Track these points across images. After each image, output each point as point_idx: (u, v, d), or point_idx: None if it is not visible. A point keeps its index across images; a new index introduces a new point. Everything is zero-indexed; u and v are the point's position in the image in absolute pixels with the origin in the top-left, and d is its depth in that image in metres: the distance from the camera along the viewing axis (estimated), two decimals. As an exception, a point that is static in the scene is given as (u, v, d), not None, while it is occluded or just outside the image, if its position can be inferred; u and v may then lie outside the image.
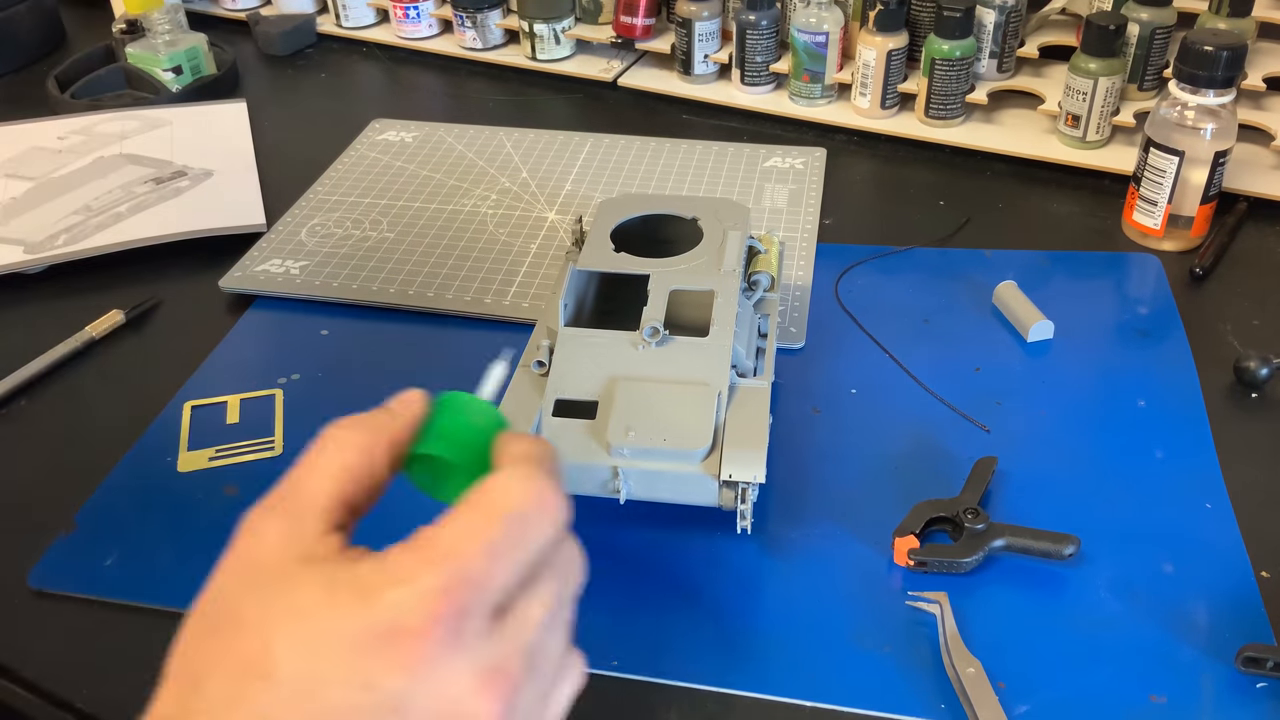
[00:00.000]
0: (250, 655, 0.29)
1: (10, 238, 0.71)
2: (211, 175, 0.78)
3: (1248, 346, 0.60)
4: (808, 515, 0.50)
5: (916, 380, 0.58)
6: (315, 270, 0.68)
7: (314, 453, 0.33)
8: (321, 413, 0.57)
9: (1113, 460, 0.53)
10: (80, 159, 0.81)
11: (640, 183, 0.77)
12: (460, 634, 0.29)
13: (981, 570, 0.47)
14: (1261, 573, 0.47)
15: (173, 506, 0.52)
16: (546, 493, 0.32)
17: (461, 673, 0.29)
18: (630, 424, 0.45)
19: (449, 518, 0.31)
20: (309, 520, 0.32)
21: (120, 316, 0.64)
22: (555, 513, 0.32)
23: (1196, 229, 0.68)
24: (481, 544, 0.30)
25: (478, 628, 0.30)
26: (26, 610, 0.48)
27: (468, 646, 0.29)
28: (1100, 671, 0.43)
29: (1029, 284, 0.64)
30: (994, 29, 0.80)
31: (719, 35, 0.88)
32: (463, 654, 0.29)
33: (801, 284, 0.65)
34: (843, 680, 0.43)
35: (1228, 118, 0.65)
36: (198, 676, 0.30)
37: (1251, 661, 0.43)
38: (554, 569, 0.33)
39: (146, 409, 0.58)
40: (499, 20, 0.96)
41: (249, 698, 0.29)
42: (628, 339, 0.49)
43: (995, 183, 0.77)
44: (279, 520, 0.32)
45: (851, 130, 0.84)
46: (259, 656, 0.29)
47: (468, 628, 0.30)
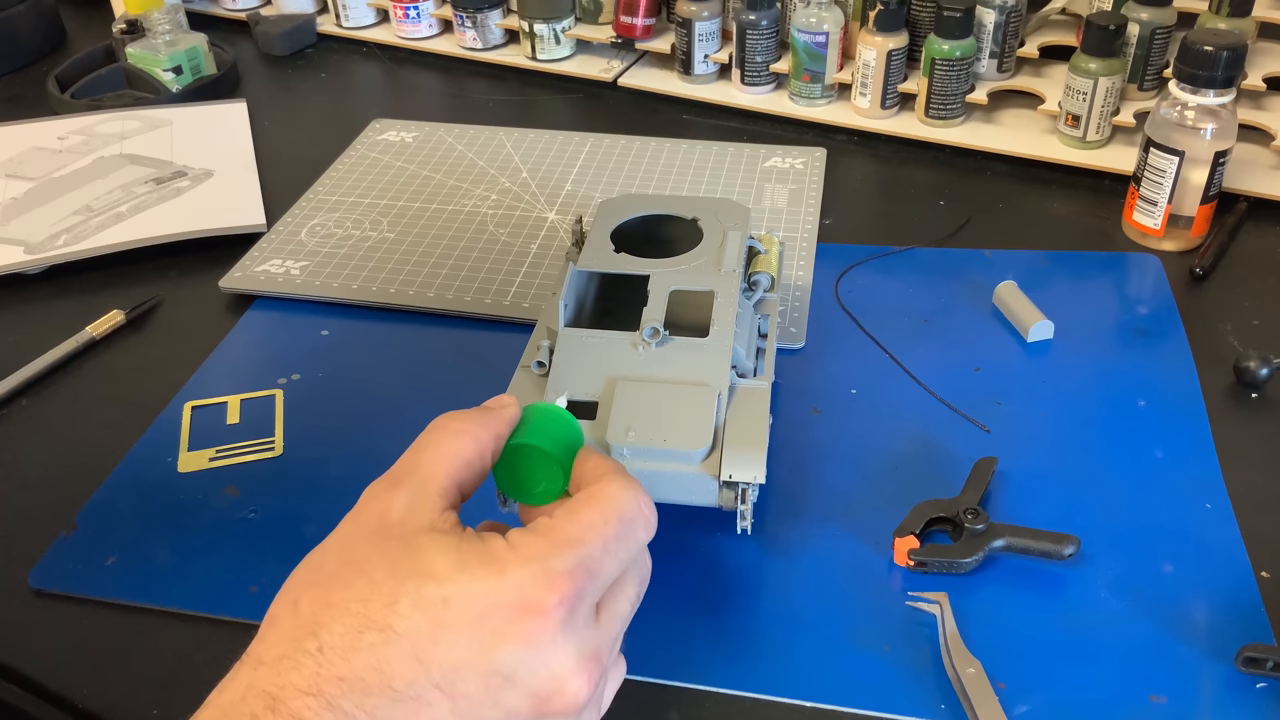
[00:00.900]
0: (374, 610, 0.31)
1: (10, 238, 0.71)
2: (211, 175, 0.78)
3: (1248, 346, 0.60)
4: (808, 515, 0.50)
5: (916, 380, 0.58)
6: (315, 270, 0.68)
7: (430, 438, 0.37)
8: (321, 413, 0.58)
9: (1113, 460, 0.53)
10: (80, 159, 0.81)
11: (640, 183, 0.77)
12: (574, 617, 0.33)
13: (981, 570, 0.47)
14: (1261, 573, 0.47)
15: (173, 506, 0.52)
16: (646, 503, 0.36)
17: (569, 653, 0.32)
18: (630, 424, 0.45)
19: (570, 511, 0.34)
20: (431, 496, 0.35)
21: (120, 316, 0.65)
22: (651, 521, 0.36)
23: (1196, 229, 0.68)
24: (600, 537, 0.34)
25: (586, 615, 0.33)
26: (26, 610, 0.48)
27: (577, 630, 0.33)
28: (1100, 671, 0.43)
29: (1029, 284, 0.64)
30: (994, 29, 0.80)
31: (719, 35, 0.88)
32: (573, 636, 0.32)
33: (801, 284, 0.65)
34: (843, 680, 0.43)
35: (1228, 118, 0.65)
36: (316, 622, 0.31)
37: (1251, 661, 0.43)
38: (638, 572, 0.37)
39: (146, 409, 0.58)
40: (499, 20, 0.96)
41: (368, 648, 0.31)
42: (628, 339, 0.49)
43: (995, 183, 0.77)
44: (403, 493, 0.35)
45: (851, 130, 0.84)
46: (383, 612, 0.31)
47: (580, 612, 0.33)
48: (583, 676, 0.32)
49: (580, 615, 0.33)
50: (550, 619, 0.32)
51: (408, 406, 0.58)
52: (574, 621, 0.32)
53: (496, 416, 0.38)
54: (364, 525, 0.34)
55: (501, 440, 0.38)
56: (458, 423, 0.37)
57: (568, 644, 0.32)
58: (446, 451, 0.36)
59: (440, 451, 0.36)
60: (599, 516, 0.34)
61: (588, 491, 0.35)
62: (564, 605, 0.32)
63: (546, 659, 0.32)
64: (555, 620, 0.32)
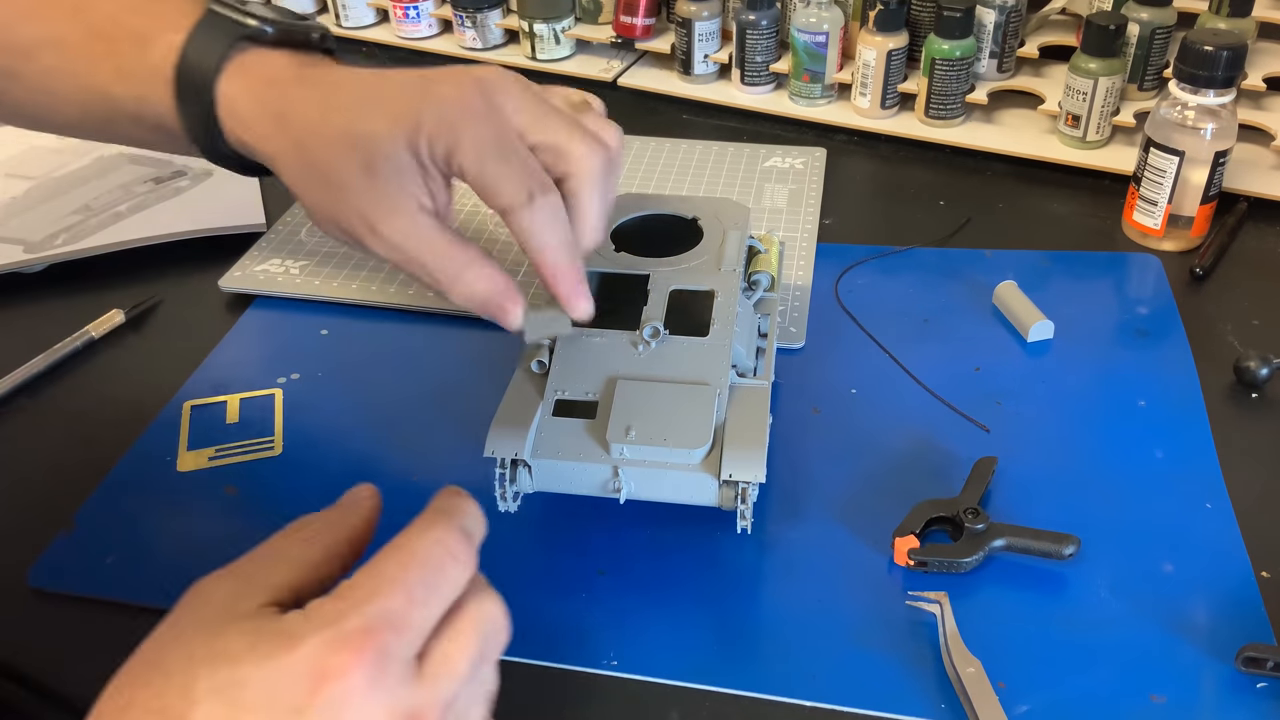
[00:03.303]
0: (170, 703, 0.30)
1: (10, 237, 0.71)
2: (211, 174, 0.78)
3: (1248, 346, 0.60)
4: (808, 515, 0.50)
5: (916, 380, 0.58)
6: (315, 270, 0.68)
7: (274, 541, 0.35)
8: (321, 412, 0.58)
9: (1113, 460, 0.53)
10: (80, 158, 0.81)
11: (640, 183, 0.77)
12: (383, 675, 0.30)
13: (981, 570, 0.47)
14: (1261, 573, 0.47)
15: (173, 506, 0.52)
16: (451, 542, 0.33)
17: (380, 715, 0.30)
18: (630, 423, 0.45)
19: (368, 567, 0.32)
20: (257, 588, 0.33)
21: (120, 316, 0.64)
22: (465, 559, 0.33)
23: (1196, 229, 0.68)
24: (398, 586, 0.31)
25: (400, 672, 0.31)
26: (26, 610, 0.48)
27: (389, 689, 0.30)
28: (1100, 671, 0.43)
29: (1029, 284, 0.64)
30: (994, 29, 0.80)
31: (719, 35, 0.88)
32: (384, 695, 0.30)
33: (801, 284, 0.65)
34: (843, 680, 0.43)
35: (1228, 118, 0.65)
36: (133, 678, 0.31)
37: (1252, 661, 0.43)
38: (475, 624, 0.33)
39: (146, 409, 0.58)
40: (499, 20, 0.96)
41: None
42: (628, 339, 0.49)
43: (995, 183, 0.77)
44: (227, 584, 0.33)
45: (851, 130, 0.84)
46: (179, 705, 0.29)
47: (390, 670, 0.30)
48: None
49: (391, 673, 0.30)
50: (350, 682, 0.29)
51: (408, 406, 0.58)
52: (383, 681, 0.30)
53: (350, 516, 0.36)
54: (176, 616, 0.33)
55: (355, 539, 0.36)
56: (308, 526, 0.36)
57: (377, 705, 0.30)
58: (288, 549, 0.35)
59: (282, 551, 0.35)
60: (395, 566, 0.32)
61: (388, 545, 0.33)
62: (364, 663, 0.30)
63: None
64: (357, 683, 0.29)
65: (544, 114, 0.43)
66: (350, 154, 0.42)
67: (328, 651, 0.30)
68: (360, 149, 0.42)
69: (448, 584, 0.33)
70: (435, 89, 0.42)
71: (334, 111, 0.43)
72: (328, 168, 0.43)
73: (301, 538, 0.35)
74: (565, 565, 0.48)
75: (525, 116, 0.43)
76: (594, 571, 0.48)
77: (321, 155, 0.43)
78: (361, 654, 0.30)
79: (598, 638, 0.45)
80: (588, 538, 0.50)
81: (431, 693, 0.31)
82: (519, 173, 0.42)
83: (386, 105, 0.42)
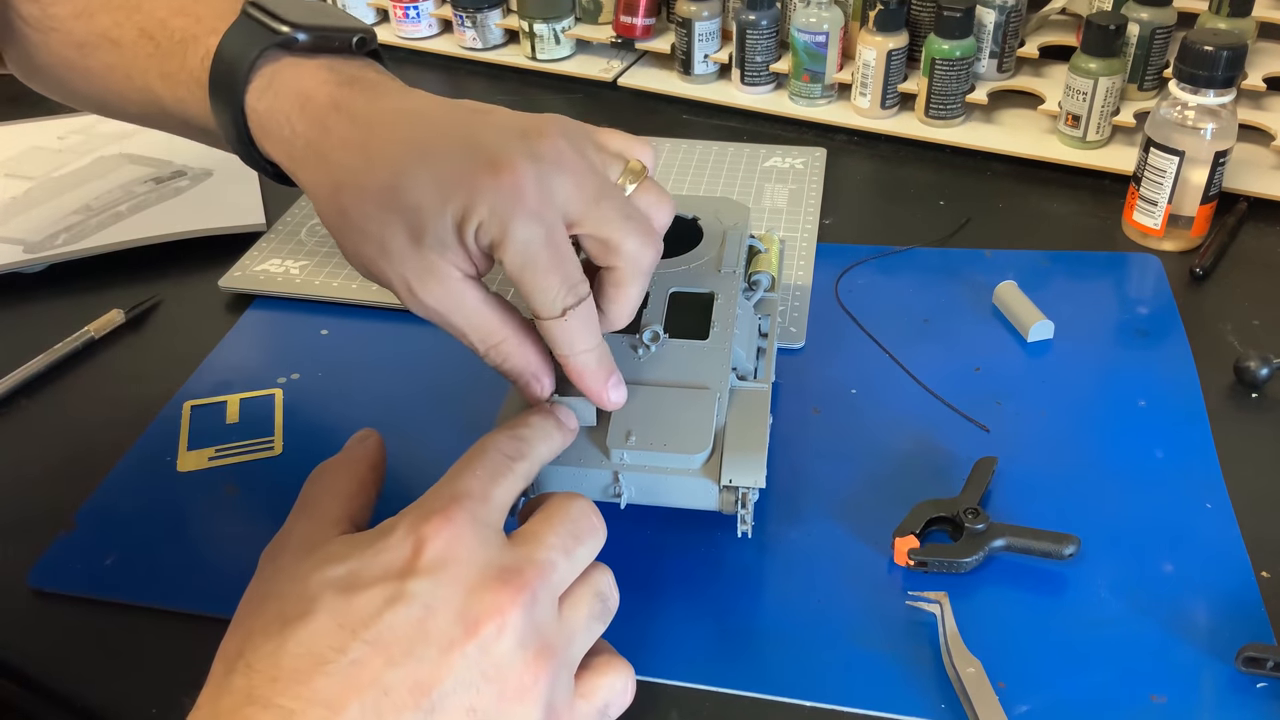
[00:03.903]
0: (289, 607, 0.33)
1: (10, 237, 0.71)
2: (211, 175, 0.78)
3: (1248, 346, 0.60)
4: (808, 515, 0.50)
5: (916, 380, 0.58)
6: (315, 270, 0.68)
7: (307, 489, 0.41)
8: (321, 412, 0.58)
9: (1113, 460, 0.53)
10: (80, 159, 0.81)
11: (640, 182, 0.77)
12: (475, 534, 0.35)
13: (981, 570, 0.47)
14: (1261, 573, 0.47)
15: (173, 506, 0.52)
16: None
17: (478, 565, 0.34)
18: (630, 428, 0.45)
19: None
20: (324, 526, 0.38)
21: (120, 316, 0.64)
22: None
23: (1197, 229, 0.68)
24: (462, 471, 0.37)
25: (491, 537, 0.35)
26: (26, 610, 0.48)
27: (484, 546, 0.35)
28: (1100, 671, 0.43)
29: (1029, 284, 0.64)
30: (994, 29, 0.80)
31: (719, 35, 0.88)
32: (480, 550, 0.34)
33: (801, 284, 0.65)
34: (843, 680, 0.43)
35: (1228, 118, 0.65)
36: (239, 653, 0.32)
37: (1252, 661, 0.43)
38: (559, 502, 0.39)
39: (146, 409, 0.58)
40: (499, 20, 0.96)
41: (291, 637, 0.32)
42: (627, 342, 0.48)
43: (995, 183, 0.77)
44: (297, 533, 0.38)
45: (851, 130, 0.84)
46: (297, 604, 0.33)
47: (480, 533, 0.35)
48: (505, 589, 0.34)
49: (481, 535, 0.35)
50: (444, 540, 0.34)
51: (408, 406, 0.58)
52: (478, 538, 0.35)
53: (359, 447, 0.42)
54: (261, 571, 0.37)
55: (374, 465, 0.42)
56: (328, 466, 0.41)
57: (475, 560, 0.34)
58: (325, 490, 0.40)
59: (320, 494, 0.39)
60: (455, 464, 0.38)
61: None
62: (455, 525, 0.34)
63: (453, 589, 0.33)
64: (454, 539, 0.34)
65: (598, 199, 0.40)
66: (393, 218, 0.40)
67: (421, 522, 0.34)
68: (405, 216, 0.39)
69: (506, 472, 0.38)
70: (488, 167, 0.39)
71: (377, 165, 0.40)
72: (367, 225, 0.40)
73: (328, 477, 0.40)
74: (565, 565, 0.48)
75: (579, 205, 0.40)
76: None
77: (362, 211, 0.40)
78: (449, 518, 0.34)
79: (598, 638, 0.45)
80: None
81: (522, 553, 0.35)
82: (558, 285, 0.40)
83: (434, 170, 0.39)
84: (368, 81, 0.43)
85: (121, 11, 0.47)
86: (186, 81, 0.45)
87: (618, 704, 0.38)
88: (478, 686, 0.32)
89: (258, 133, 0.44)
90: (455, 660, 0.32)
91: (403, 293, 0.41)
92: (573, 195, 0.40)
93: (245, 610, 0.35)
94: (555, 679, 0.34)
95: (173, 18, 0.45)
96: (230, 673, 0.32)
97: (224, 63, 0.43)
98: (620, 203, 0.42)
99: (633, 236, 0.41)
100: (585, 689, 0.37)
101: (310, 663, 0.31)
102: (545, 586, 0.35)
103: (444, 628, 0.32)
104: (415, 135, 0.41)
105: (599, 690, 0.37)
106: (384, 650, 0.31)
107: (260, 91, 0.43)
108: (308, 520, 0.38)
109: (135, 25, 0.46)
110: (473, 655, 0.32)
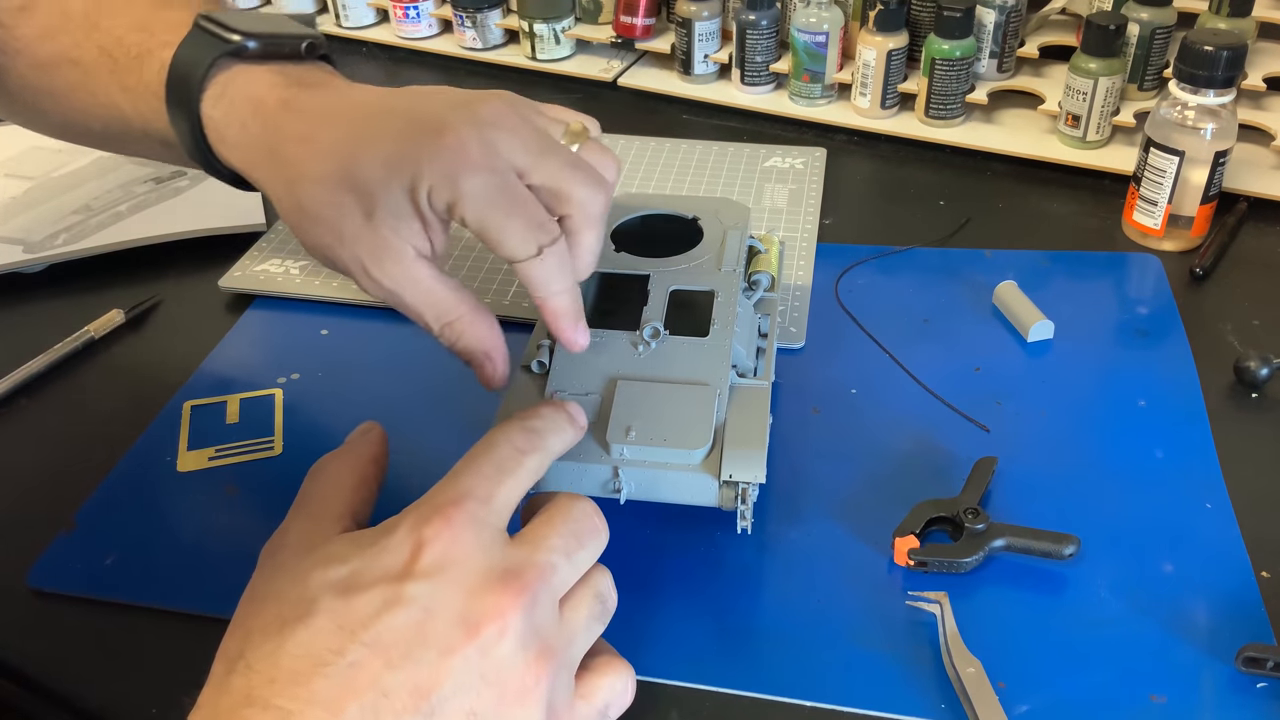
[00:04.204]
0: (287, 609, 0.33)
1: (10, 237, 0.71)
2: (211, 175, 0.78)
3: (1248, 346, 0.60)
4: (808, 515, 0.50)
5: (916, 380, 0.58)
6: (315, 270, 0.68)
7: (308, 483, 0.40)
8: (321, 412, 0.58)
9: (1113, 460, 0.53)
10: (80, 158, 0.81)
11: (640, 183, 0.77)
12: (475, 534, 0.34)
13: (981, 570, 0.47)
14: (1261, 573, 0.47)
15: (172, 506, 0.52)
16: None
17: (479, 566, 0.34)
18: (630, 424, 0.45)
19: None
20: (324, 523, 0.37)
21: (120, 316, 0.64)
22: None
23: (1196, 229, 0.68)
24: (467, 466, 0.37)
25: (492, 535, 0.35)
26: (26, 610, 0.48)
27: (485, 546, 0.34)
28: (1100, 671, 0.43)
29: (1029, 284, 0.64)
30: (994, 29, 0.80)
31: (719, 35, 0.88)
32: (481, 550, 0.34)
33: (801, 284, 0.65)
34: (843, 680, 0.43)
35: (1228, 118, 0.65)
36: (240, 653, 0.32)
37: (1252, 661, 0.43)
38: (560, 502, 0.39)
39: (146, 408, 0.58)
40: (499, 20, 0.96)
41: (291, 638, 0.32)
42: (628, 339, 0.49)
43: (995, 183, 0.77)
44: (295, 530, 0.37)
45: (851, 130, 0.84)
46: (296, 607, 0.33)
47: (481, 532, 0.35)
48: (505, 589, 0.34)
49: (482, 534, 0.35)
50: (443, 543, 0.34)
51: (407, 406, 0.58)
52: (478, 538, 0.34)
53: (361, 441, 0.42)
54: (261, 569, 0.37)
55: (376, 459, 0.41)
56: (329, 460, 0.41)
57: (476, 561, 0.34)
58: (326, 485, 0.39)
59: (320, 489, 0.39)
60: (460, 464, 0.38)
61: None
62: (454, 527, 0.34)
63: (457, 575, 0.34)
64: (453, 541, 0.34)
65: (543, 152, 0.42)
66: (346, 199, 0.42)
67: (421, 523, 0.34)
68: (358, 197, 0.41)
69: (515, 469, 0.38)
70: (431, 134, 0.41)
71: (327, 153, 0.42)
72: (322, 210, 0.42)
73: (329, 471, 0.40)
74: (565, 565, 0.48)
75: (525, 157, 0.42)
76: (594, 571, 0.48)
77: (316, 198, 0.42)
78: (450, 520, 0.34)
79: (598, 638, 0.45)
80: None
81: (524, 554, 0.35)
82: (524, 225, 0.41)
83: (381, 147, 0.41)
84: (316, 81, 0.46)
85: (81, 31, 0.48)
86: (145, 94, 0.47)
87: (618, 704, 0.38)
88: (477, 689, 0.32)
89: (214, 139, 0.46)
90: (455, 663, 0.32)
91: (359, 274, 0.43)
92: (517, 149, 0.41)
93: (245, 610, 0.35)
94: (555, 680, 0.34)
95: (129, 34, 0.47)
96: (230, 673, 0.32)
97: (178, 73, 0.45)
98: (566, 153, 0.43)
99: (582, 184, 0.43)
100: (585, 690, 0.37)
101: (309, 664, 0.31)
102: (546, 589, 0.35)
103: (443, 631, 0.32)
104: (362, 121, 0.43)
105: (599, 691, 0.37)
106: (383, 653, 0.31)
107: (215, 99, 0.45)
108: (308, 517, 0.38)
109: (94, 44, 0.48)
110: (472, 658, 0.32)
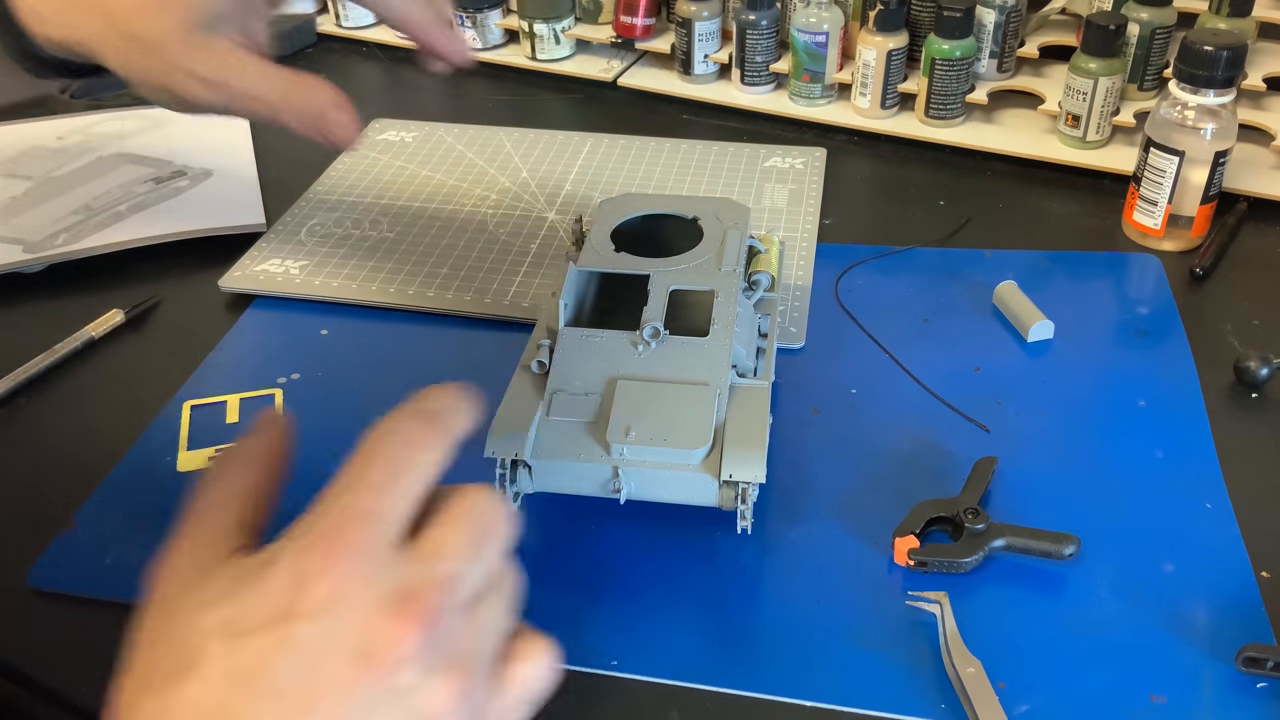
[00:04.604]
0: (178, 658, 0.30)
1: (10, 237, 0.71)
2: (211, 175, 0.78)
3: (1248, 346, 0.60)
4: (808, 515, 0.50)
5: (916, 380, 0.58)
6: (315, 270, 0.68)
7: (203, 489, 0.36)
8: (321, 413, 0.58)
9: (1113, 460, 0.53)
10: (80, 158, 0.81)
11: (640, 183, 0.77)
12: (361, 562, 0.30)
13: (981, 570, 0.47)
14: (1261, 573, 0.47)
15: (172, 506, 0.52)
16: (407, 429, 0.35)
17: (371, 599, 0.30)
18: (630, 423, 0.45)
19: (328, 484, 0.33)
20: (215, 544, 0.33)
21: (120, 316, 0.64)
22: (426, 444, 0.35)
23: (1196, 229, 0.68)
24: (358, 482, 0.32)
25: (381, 558, 0.31)
26: (26, 609, 0.48)
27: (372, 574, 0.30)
28: (1100, 671, 0.43)
29: (1029, 284, 0.64)
30: (994, 29, 0.80)
31: (719, 35, 0.88)
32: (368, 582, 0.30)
33: (801, 284, 0.65)
34: (842, 680, 0.43)
35: (1228, 118, 0.65)
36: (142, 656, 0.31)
37: (1252, 661, 0.43)
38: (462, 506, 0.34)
39: (146, 409, 0.58)
40: (499, 20, 0.96)
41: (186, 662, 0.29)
42: (628, 339, 0.49)
43: (995, 183, 0.77)
44: (186, 551, 0.34)
45: (851, 130, 0.84)
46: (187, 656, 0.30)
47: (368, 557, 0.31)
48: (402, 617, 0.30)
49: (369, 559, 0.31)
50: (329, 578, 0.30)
51: (407, 406, 0.58)
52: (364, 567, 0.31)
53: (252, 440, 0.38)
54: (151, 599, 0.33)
55: (270, 457, 0.37)
56: (217, 465, 0.37)
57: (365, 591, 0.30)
58: (214, 497, 0.35)
59: (208, 505, 0.35)
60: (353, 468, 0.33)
61: None
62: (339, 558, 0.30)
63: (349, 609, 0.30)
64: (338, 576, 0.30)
65: None
66: (165, 15, 0.45)
67: (303, 557, 0.30)
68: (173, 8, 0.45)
69: (411, 468, 0.33)
70: None
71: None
72: (143, 30, 0.46)
73: (222, 478, 0.36)
74: (565, 565, 0.48)
75: None
76: (594, 572, 0.48)
77: (135, 22, 0.46)
78: (331, 553, 0.30)
79: (598, 638, 0.45)
80: (588, 538, 0.50)
81: (422, 570, 0.31)
82: None
83: None
84: None
85: None
86: None
87: (541, 684, 0.34)
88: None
89: (30, 21, 0.48)
90: (356, 702, 0.29)
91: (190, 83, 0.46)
92: None
93: (137, 651, 0.32)
94: (471, 690, 0.31)
95: None
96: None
97: None
98: None
99: None
100: (506, 679, 0.34)
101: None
102: (450, 602, 0.32)
103: (339, 671, 0.29)
104: None
105: (519, 678, 0.34)
106: (278, 701, 0.29)
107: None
108: (195, 537, 0.34)
109: None
110: (376, 694, 0.29)
